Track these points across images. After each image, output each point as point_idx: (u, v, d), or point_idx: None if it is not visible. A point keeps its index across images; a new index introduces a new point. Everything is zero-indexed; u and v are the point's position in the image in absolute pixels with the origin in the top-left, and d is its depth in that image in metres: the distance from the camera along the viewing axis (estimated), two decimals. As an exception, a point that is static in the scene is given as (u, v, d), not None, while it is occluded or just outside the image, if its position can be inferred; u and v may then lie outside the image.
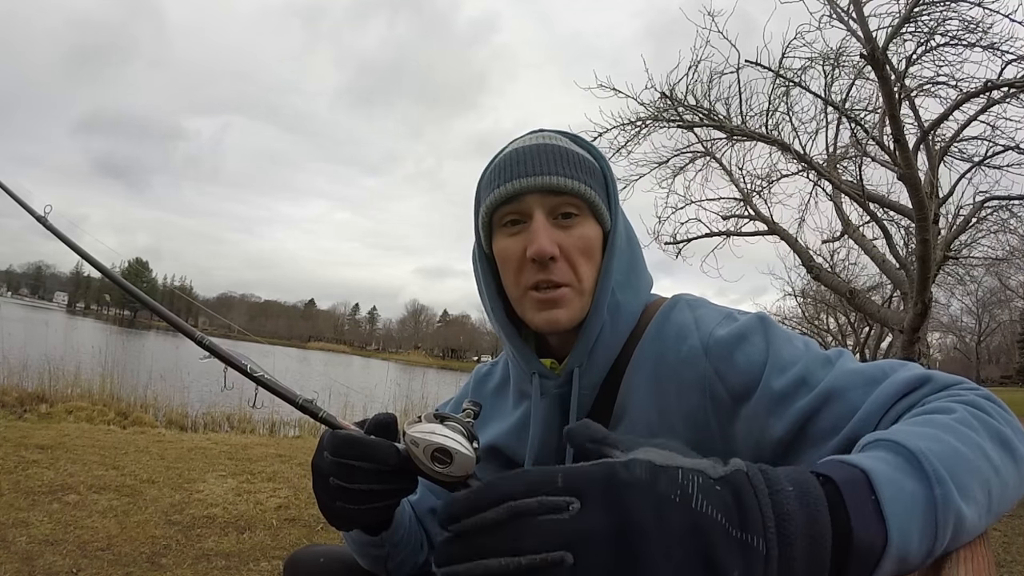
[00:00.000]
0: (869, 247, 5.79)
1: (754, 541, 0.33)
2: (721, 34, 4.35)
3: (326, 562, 0.82)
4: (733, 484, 0.35)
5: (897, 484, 0.37)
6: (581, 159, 0.70)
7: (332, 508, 0.58)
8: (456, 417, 0.53)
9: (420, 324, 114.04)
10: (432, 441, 0.50)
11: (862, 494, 0.36)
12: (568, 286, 0.66)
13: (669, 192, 5.92)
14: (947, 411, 0.46)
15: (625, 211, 0.76)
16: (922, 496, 0.38)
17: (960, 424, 0.44)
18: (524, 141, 0.71)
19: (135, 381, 7.42)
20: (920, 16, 3.93)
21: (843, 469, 0.38)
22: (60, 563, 2.32)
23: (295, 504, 3.43)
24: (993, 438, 0.45)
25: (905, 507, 0.37)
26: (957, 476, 0.39)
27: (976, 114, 4.53)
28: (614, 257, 0.69)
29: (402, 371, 21.73)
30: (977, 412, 0.47)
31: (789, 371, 0.59)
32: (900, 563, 0.37)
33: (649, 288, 0.75)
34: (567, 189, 0.66)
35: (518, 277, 0.68)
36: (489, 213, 0.70)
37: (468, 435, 0.52)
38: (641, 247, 0.77)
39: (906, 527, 0.36)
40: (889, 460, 0.39)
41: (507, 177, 0.68)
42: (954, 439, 0.42)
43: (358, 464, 0.54)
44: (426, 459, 0.50)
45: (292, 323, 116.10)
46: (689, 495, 0.33)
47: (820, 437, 0.55)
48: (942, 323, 19.31)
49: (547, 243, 0.65)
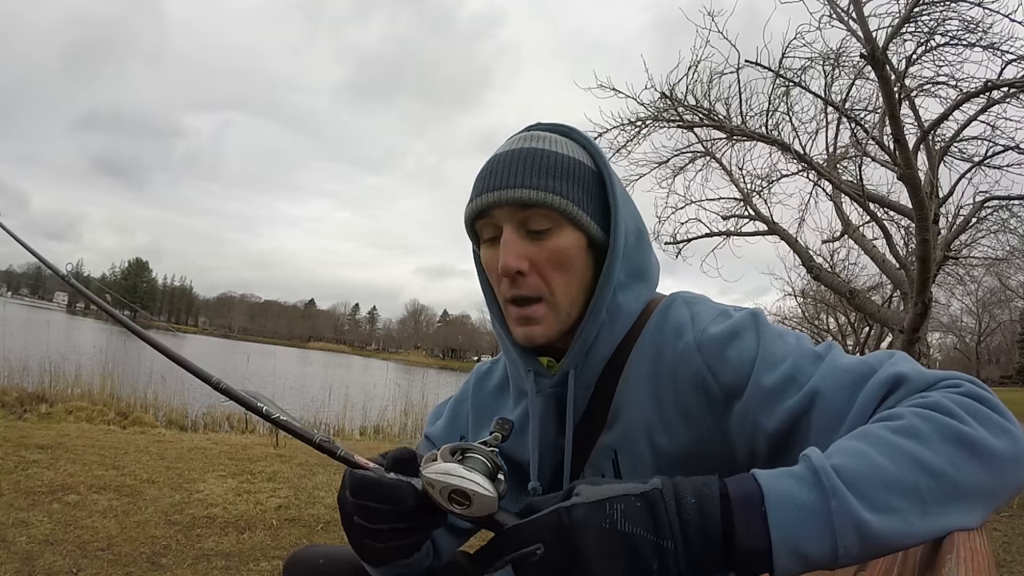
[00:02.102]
0: (869, 247, 5.78)
1: (665, 542, 0.45)
2: (721, 34, 4.35)
3: (326, 563, 0.81)
4: (649, 499, 0.46)
5: (788, 499, 0.45)
6: (562, 164, 0.67)
7: (361, 545, 0.58)
8: (478, 448, 0.51)
9: (420, 324, 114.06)
10: (447, 483, 0.48)
11: (750, 506, 0.45)
12: (541, 300, 0.67)
13: (669, 192, 5.91)
14: (894, 418, 0.50)
15: None
16: (817, 507, 0.44)
17: (896, 434, 0.47)
18: (509, 144, 0.70)
19: (135, 381, 7.42)
20: (920, 16, 3.93)
21: (742, 486, 0.46)
22: (60, 563, 2.32)
23: (295, 504, 3.43)
24: (945, 440, 0.46)
25: (794, 516, 0.44)
26: (864, 489, 0.44)
27: (976, 114, 4.52)
28: (617, 259, 0.68)
29: (402, 371, 21.72)
30: (933, 415, 0.48)
31: (779, 367, 0.59)
32: (800, 560, 0.44)
33: (654, 287, 0.75)
34: (533, 201, 0.64)
35: (498, 288, 0.70)
36: (470, 224, 0.71)
37: (492, 468, 0.50)
38: (651, 245, 0.76)
39: (794, 533, 0.44)
40: (794, 474, 0.46)
41: (479, 189, 0.68)
42: (877, 453, 0.46)
43: (377, 506, 0.54)
44: (443, 500, 0.49)
45: (292, 323, 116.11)
46: (615, 520, 0.46)
47: (810, 436, 0.56)
48: (942, 323, 19.31)
49: (512, 259, 0.65)
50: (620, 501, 0.46)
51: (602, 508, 0.46)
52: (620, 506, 0.46)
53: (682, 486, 0.47)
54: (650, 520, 0.45)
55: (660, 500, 0.46)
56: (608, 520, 0.46)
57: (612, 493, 0.47)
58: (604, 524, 0.46)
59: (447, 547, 0.83)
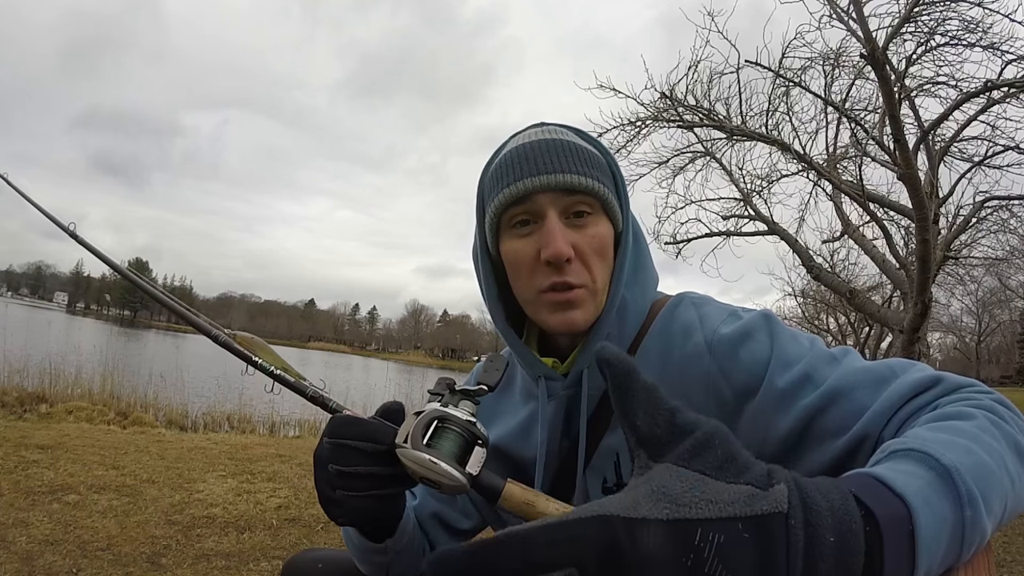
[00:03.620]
0: (869, 247, 5.78)
1: None
2: (721, 34, 4.35)
3: (324, 568, 0.81)
4: (766, 533, 0.30)
5: (933, 513, 0.34)
6: (590, 155, 0.67)
7: (332, 497, 0.56)
8: (455, 419, 0.51)
9: (420, 324, 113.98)
10: (416, 471, 0.49)
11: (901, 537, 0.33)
12: (583, 287, 0.65)
13: (669, 192, 5.92)
14: (968, 417, 0.45)
15: None
16: (951, 519, 0.35)
17: (983, 433, 0.42)
18: (529, 136, 0.69)
19: (135, 381, 7.42)
20: (920, 16, 3.93)
21: (886, 502, 0.34)
22: (60, 563, 2.32)
23: (295, 504, 3.43)
24: (1011, 447, 0.43)
25: (936, 538, 0.34)
26: (985, 493, 0.37)
27: (976, 114, 4.52)
28: (627, 255, 0.68)
29: (402, 371, 21.72)
30: (996, 419, 0.45)
31: (793, 368, 0.58)
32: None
33: (655, 286, 0.74)
34: (580, 187, 0.64)
35: (531, 280, 0.66)
36: (497, 214, 0.67)
37: (467, 440, 0.50)
38: (647, 244, 0.76)
39: (933, 560, 0.34)
40: (922, 476, 0.36)
41: (516, 176, 0.65)
42: (981, 451, 0.40)
43: (355, 444, 0.54)
44: (416, 479, 0.51)
45: (292, 323, 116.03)
46: (704, 559, 0.29)
47: (825, 435, 0.55)
48: (942, 323, 19.30)
49: (563, 245, 0.62)
50: (720, 529, 0.30)
51: (689, 534, 0.30)
52: (719, 538, 0.29)
53: (813, 503, 0.32)
54: (762, 567, 0.29)
55: (782, 536, 0.30)
56: (692, 556, 0.29)
57: (710, 510, 0.30)
58: (685, 560, 0.29)
59: None
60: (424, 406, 0.54)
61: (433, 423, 0.51)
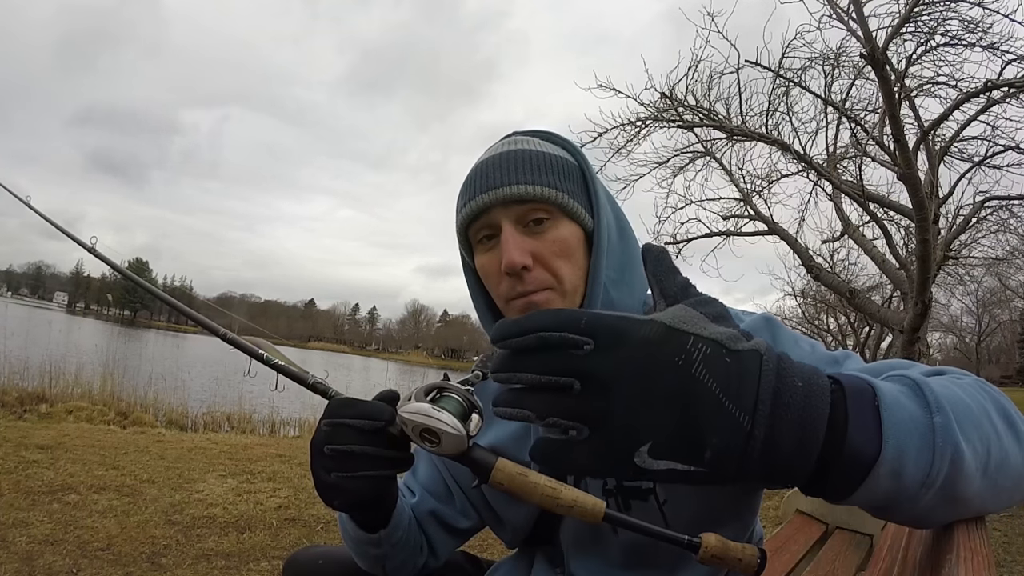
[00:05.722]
0: (869, 247, 5.79)
1: (741, 416, 0.35)
2: (721, 34, 4.35)
3: (325, 564, 0.82)
4: (744, 361, 0.37)
5: (899, 403, 0.39)
6: (549, 160, 0.68)
7: (327, 481, 0.57)
8: (454, 387, 0.52)
9: (420, 324, 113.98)
10: (418, 422, 0.49)
11: (865, 401, 0.38)
12: (548, 289, 0.66)
13: (669, 192, 5.92)
14: (959, 377, 0.48)
15: (625, 210, 0.75)
16: (921, 419, 0.39)
17: (969, 388, 0.45)
18: (492, 151, 0.71)
19: (135, 381, 7.43)
20: (920, 16, 3.93)
21: (853, 380, 0.40)
22: (60, 563, 2.32)
23: (295, 504, 3.43)
24: (999, 411, 0.45)
25: (903, 423, 0.38)
26: (958, 415, 0.40)
27: (976, 114, 4.52)
28: (602, 254, 0.68)
29: (402, 371, 21.72)
30: (987, 388, 0.47)
31: None
32: (894, 477, 0.38)
33: (647, 284, 0.75)
34: (531, 196, 0.65)
35: (498, 290, 0.69)
36: (463, 231, 0.70)
37: (466, 407, 0.51)
38: (639, 243, 0.76)
39: (902, 442, 0.37)
40: (894, 384, 0.41)
41: (473, 192, 0.67)
42: (961, 392, 0.43)
43: (351, 422, 0.55)
44: (416, 438, 0.50)
45: (292, 323, 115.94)
46: (691, 361, 0.36)
47: None
48: (942, 323, 19.28)
49: (516, 255, 0.64)
50: (709, 344, 0.37)
51: (682, 340, 0.37)
52: (706, 349, 0.36)
53: (787, 361, 0.38)
54: (735, 384, 0.36)
55: (756, 367, 0.37)
56: (683, 356, 0.36)
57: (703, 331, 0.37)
58: (676, 359, 0.36)
59: (444, 547, 0.82)
60: None
61: (434, 391, 0.52)
